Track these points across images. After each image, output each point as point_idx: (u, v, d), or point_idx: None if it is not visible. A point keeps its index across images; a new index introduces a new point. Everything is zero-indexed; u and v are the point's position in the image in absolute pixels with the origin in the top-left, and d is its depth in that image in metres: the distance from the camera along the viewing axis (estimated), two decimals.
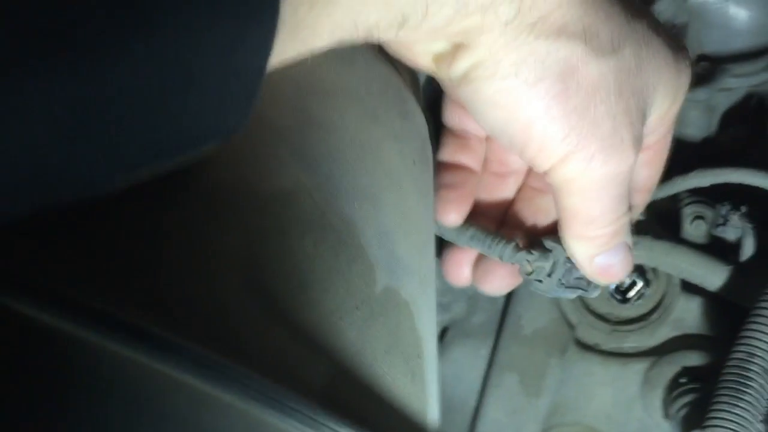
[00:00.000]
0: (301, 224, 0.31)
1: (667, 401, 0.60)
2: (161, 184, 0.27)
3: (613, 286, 0.64)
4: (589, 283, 0.46)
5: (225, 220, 0.29)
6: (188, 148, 0.27)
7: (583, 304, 0.67)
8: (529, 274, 0.45)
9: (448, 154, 0.46)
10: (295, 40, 0.30)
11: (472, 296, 0.69)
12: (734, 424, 0.46)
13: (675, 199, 0.67)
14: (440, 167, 0.46)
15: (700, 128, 0.75)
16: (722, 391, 0.48)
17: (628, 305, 0.65)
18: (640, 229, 0.62)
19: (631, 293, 0.64)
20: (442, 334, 0.71)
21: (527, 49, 0.35)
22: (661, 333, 0.64)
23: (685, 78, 0.42)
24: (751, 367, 0.48)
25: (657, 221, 0.68)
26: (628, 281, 0.63)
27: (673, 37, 0.42)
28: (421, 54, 0.37)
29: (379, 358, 0.32)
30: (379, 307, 0.33)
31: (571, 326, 0.66)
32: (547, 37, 0.35)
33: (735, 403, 0.47)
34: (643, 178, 0.46)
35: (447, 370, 0.70)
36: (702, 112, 0.75)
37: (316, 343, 0.29)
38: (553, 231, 0.44)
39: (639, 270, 0.64)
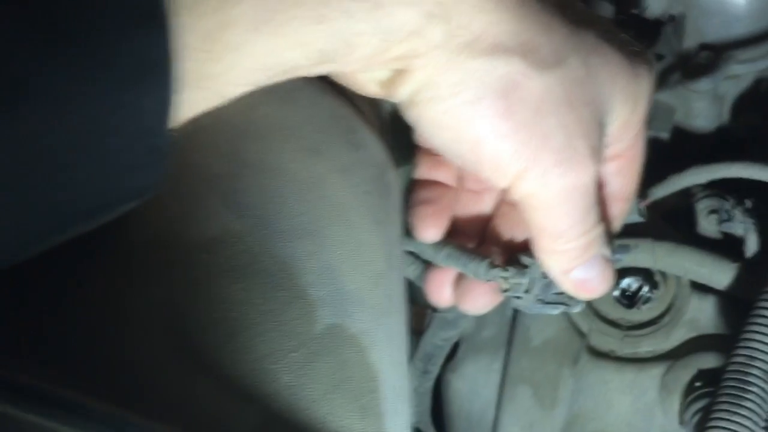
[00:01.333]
0: (229, 271, 0.31)
1: (683, 407, 0.58)
2: (78, 243, 0.28)
3: (617, 292, 0.62)
4: (570, 297, 0.44)
5: (145, 275, 0.29)
6: (97, 214, 0.27)
7: (593, 311, 0.65)
8: (506, 291, 0.44)
9: (422, 171, 0.46)
10: (208, 92, 0.30)
11: None
12: None
13: (687, 194, 0.65)
14: (416, 185, 0.46)
15: (709, 119, 0.73)
16: (722, 398, 0.46)
17: (637, 309, 0.63)
18: (641, 232, 0.60)
19: (638, 297, 0.62)
20: (454, 350, 0.70)
21: (464, 69, 0.35)
22: (676, 335, 0.62)
23: (645, 83, 0.41)
24: (752, 371, 0.46)
25: (669, 220, 0.66)
26: (633, 285, 0.62)
27: (629, 42, 0.41)
28: (366, 82, 0.37)
29: (319, 400, 0.32)
30: (320, 346, 0.33)
31: (581, 334, 0.65)
32: (483, 55, 0.35)
33: (735, 410, 0.45)
34: (618, 188, 0.44)
35: (462, 386, 0.69)
36: (710, 103, 0.72)
37: (245, 392, 0.29)
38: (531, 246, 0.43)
39: (644, 273, 0.62)
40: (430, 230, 0.45)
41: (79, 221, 0.27)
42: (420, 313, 0.80)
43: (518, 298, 0.44)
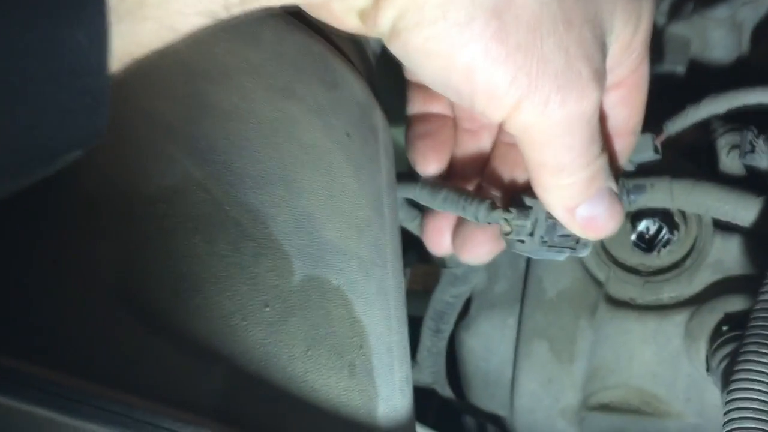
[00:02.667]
0: (190, 222, 0.28)
1: (709, 353, 0.55)
2: (19, 198, 0.25)
3: (635, 236, 0.59)
4: (577, 240, 0.41)
5: (95, 230, 0.26)
6: (33, 167, 0.24)
7: (610, 257, 0.62)
8: (509, 234, 0.40)
9: (416, 106, 0.43)
10: (155, 23, 0.27)
11: (491, 264, 0.65)
12: (762, 383, 0.40)
13: (707, 131, 0.61)
14: (411, 121, 0.43)
15: (728, 49, 0.69)
16: (750, 341, 0.43)
17: (657, 254, 0.59)
18: (657, 171, 0.56)
19: (657, 241, 0.58)
20: (466, 308, 0.67)
21: None
22: (700, 279, 0.59)
23: (646, 1, 0.37)
24: None
25: (689, 158, 0.62)
26: (651, 228, 0.58)
27: None
28: (344, 14, 0.34)
29: (298, 357, 0.29)
30: (297, 300, 0.30)
31: (598, 283, 0.61)
32: None
33: (765, 351, 0.42)
34: (622, 119, 0.41)
35: (476, 344, 0.66)
36: (727, 31, 0.68)
37: (210, 352, 0.26)
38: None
39: (663, 215, 0.59)
40: (432, 164, 0.42)
41: (12, 175, 0.24)
42: (430, 272, 0.77)
43: (521, 242, 0.40)
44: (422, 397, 0.68)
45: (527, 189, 0.42)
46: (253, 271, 0.29)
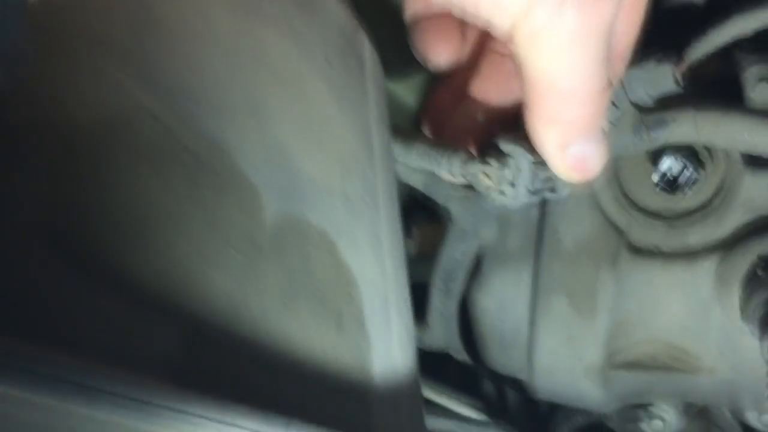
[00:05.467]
0: (139, 154, 0.24)
1: (743, 300, 0.50)
2: None
3: (657, 177, 0.54)
4: (557, 181, 0.37)
5: (18, 164, 0.22)
6: None
7: (630, 202, 0.57)
8: (489, 188, 0.36)
9: (411, 6, 0.40)
10: None
11: (501, 216, 0.60)
12: None
13: (731, 63, 0.55)
14: (412, 20, 0.40)
15: None
16: None
17: (682, 195, 0.55)
18: (678, 104, 0.51)
19: (682, 181, 0.54)
20: (477, 266, 0.63)
21: None
22: (730, 220, 0.54)
23: None
24: None
25: (710, 93, 0.57)
26: (675, 167, 0.53)
27: None
28: None
29: (272, 308, 0.25)
30: (270, 242, 0.26)
31: (619, 231, 0.57)
32: None
33: None
34: (618, 38, 0.36)
35: (490, 303, 0.62)
36: None
37: (165, 306, 0.22)
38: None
39: (687, 151, 0.54)
40: (442, 53, 0.40)
41: None
42: (440, 232, 0.73)
43: (502, 193, 0.36)
44: (438, 361, 0.65)
45: (504, 132, 0.37)
46: (215, 209, 0.25)
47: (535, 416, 0.72)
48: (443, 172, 0.37)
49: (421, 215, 0.67)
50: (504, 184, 0.36)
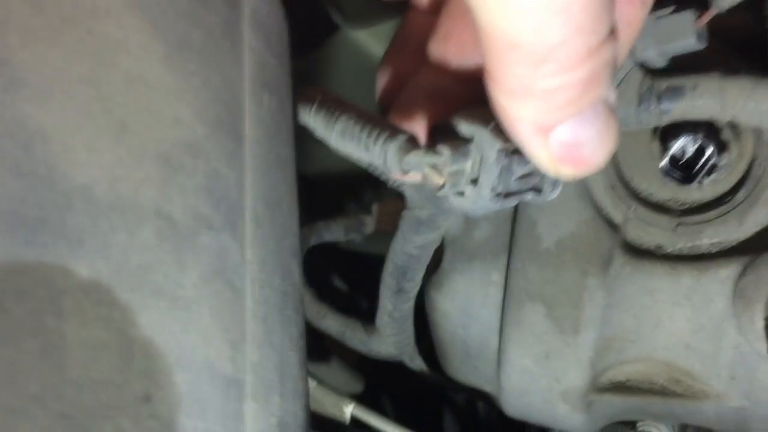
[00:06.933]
0: None
1: None
2: None
3: (666, 160, 0.45)
4: (542, 177, 0.29)
5: None
6: None
7: (629, 191, 0.49)
8: (441, 187, 0.28)
9: None
10: None
11: None
12: None
13: (761, 18, 0.47)
14: None
15: None
16: None
17: (697, 184, 0.47)
18: (700, 66, 0.43)
19: (697, 167, 0.45)
20: (437, 262, 0.53)
21: None
22: (755, 219, 0.46)
23: None
24: None
25: (735, 54, 0.47)
26: (690, 149, 0.45)
27: None
28: None
29: None
30: None
31: (613, 226, 0.49)
32: None
33: None
34: None
35: (451, 307, 0.55)
36: None
37: None
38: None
39: (707, 129, 0.45)
40: None
41: None
42: (399, 206, 0.63)
43: (460, 194, 0.28)
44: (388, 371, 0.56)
45: (466, 108, 0.29)
46: None
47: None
48: (374, 160, 0.28)
49: (370, 194, 0.56)
50: (462, 182, 0.27)
